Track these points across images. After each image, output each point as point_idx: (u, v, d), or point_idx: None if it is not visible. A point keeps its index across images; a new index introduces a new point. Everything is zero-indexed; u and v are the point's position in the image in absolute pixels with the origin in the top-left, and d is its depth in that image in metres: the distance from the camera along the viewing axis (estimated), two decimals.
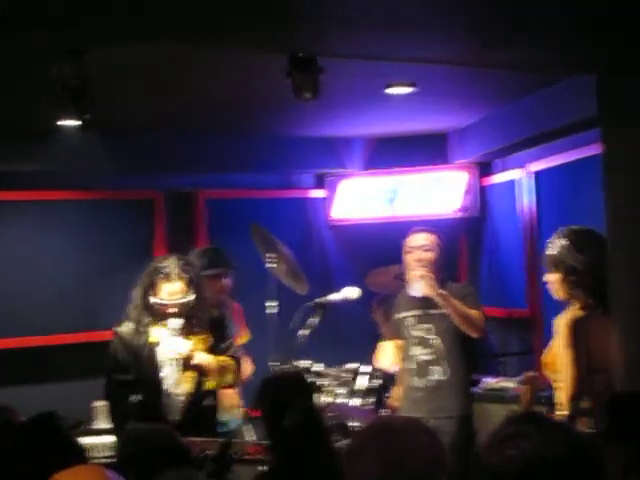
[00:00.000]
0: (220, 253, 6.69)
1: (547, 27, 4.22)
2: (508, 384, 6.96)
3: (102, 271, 7.43)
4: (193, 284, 5.27)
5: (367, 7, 3.81)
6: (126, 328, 5.37)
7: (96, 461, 5.89)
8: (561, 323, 4.74)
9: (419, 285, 5.81)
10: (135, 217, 7.67)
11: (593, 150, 5.94)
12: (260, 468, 4.47)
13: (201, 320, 5.35)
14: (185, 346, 5.20)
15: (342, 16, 3.90)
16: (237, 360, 5.50)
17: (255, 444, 4.67)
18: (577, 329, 4.68)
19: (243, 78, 5.66)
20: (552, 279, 4.92)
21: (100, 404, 6.90)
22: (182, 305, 5.22)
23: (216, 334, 5.41)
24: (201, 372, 5.29)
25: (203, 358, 5.27)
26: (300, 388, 4.12)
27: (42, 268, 7.27)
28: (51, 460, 3.24)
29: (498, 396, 6.82)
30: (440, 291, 5.77)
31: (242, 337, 6.81)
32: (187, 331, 5.28)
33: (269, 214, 7.85)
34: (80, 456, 3.60)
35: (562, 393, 4.85)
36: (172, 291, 5.22)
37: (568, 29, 4.26)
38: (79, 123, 4.86)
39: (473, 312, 5.80)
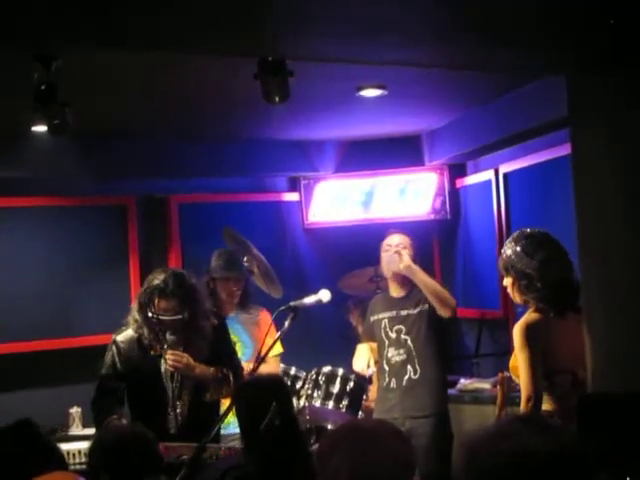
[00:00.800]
0: (235, 257, 6.64)
1: (516, 28, 4.24)
2: (482, 385, 6.98)
3: (76, 277, 7.40)
4: (189, 299, 5.25)
5: (336, 10, 3.81)
6: (127, 337, 5.34)
7: (71, 467, 5.87)
8: (514, 333, 4.77)
9: (394, 258, 5.91)
10: (108, 223, 7.63)
11: (563, 151, 5.98)
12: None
13: (201, 333, 5.33)
14: (183, 360, 5.19)
15: (311, 19, 3.91)
16: (236, 371, 5.45)
17: (229, 448, 4.65)
18: (529, 332, 4.69)
19: (214, 82, 5.67)
20: (506, 283, 4.96)
21: (75, 410, 6.90)
22: (176, 321, 5.21)
23: (214, 345, 5.39)
24: (199, 385, 5.28)
25: (201, 371, 5.27)
26: (277, 392, 4.11)
27: (15, 274, 7.23)
28: (31, 466, 3.24)
29: (472, 397, 6.85)
30: (412, 265, 5.87)
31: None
32: (185, 345, 5.27)
33: (242, 218, 7.84)
34: (60, 462, 3.60)
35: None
36: (167, 307, 5.20)
37: (537, 30, 4.27)
38: (48, 128, 4.87)
39: (445, 291, 5.93)
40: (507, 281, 4.94)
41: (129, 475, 3.54)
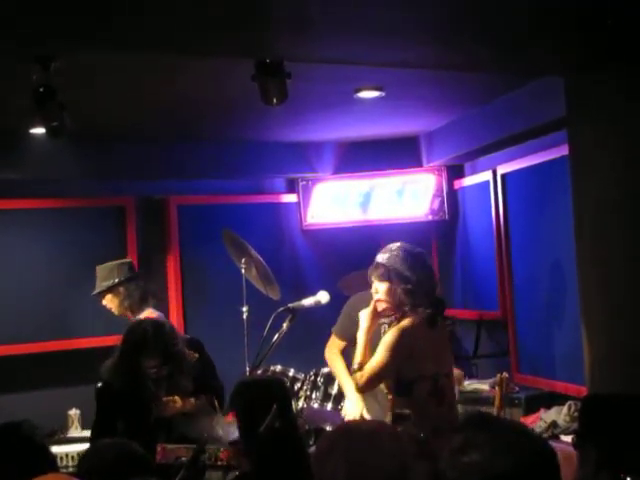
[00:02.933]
0: (101, 272, 6.57)
1: (515, 29, 4.25)
2: (481, 386, 6.99)
3: (75, 279, 7.39)
4: (169, 352, 5.21)
5: (334, 12, 3.82)
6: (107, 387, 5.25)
7: (70, 470, 5.87)
8: (388, 333, 4.88)
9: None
10: (107, 224, 7.64)
11: (561, 152, 5.98)
12: (235, 473, 4.48)
13: (185, 384, 5.30)
14: (177, 406, 5.22)
15: (309, 21, 3.91)
16: (218, 393, 5.46)
17: (228, 449, 4.65)
18: (403, 339, 4.81)
19: (212, 84, 5.67)
20: (380, 290, 5.00)
21: (74, 412, 6.90)
22: (161, 376, 5.18)
23: (198, 378, 5.33)
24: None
25: (190, 406, 5.27)
26: (278, 393, 4.10)
27: (15, 276, 7.23)
28: (22, 468, 3.22)
29: (471, 398, 6.85)
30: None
31: None
32: (170, 387, 5.25)
33: (241, 219, 7.86)
34: (51, 464, 3.58)
35: None
36: (151, 365, 5.14)
37: (535, 31, 4.28)
38: (46, 130, 4.87)
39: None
40: (382, 287, 4.97)
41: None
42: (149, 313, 6.41)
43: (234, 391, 4.27)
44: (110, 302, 6.45)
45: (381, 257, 5.06)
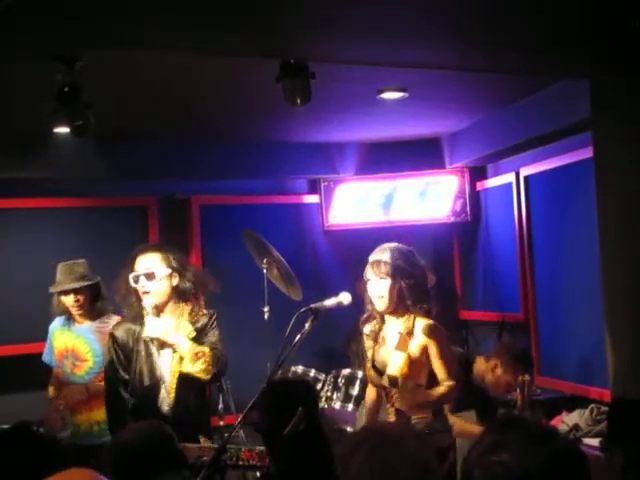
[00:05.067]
0: (71, 269, 6.44)
1: (540, 31, 4.24)
2: None
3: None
4: (171, 259, 5.34)
5: (358, 12, 3.82)
6: (123, 328, 5.38)
7: None
8: (433, 330, 4.95)
9: None
10: (129, 224, 7.66)
11: (584, 154, 5.96)
12: (256, 474, 4.48)
13: (185, 291, 5.38)
14: (160, 327, 5.23)
15: (333, 21, 3.91)
16: (216, 353, 5.35)
17: (250, 450, 4.65)
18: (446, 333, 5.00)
19: (235, 84, 5.68)
20: (383, 288, 5.11)
21: None
22: (162, 281, 5.28)
23: (201, 330, 5.40)
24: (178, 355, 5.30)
25: (179, 340, 5.26)
26: (305, 396, 4.09)
27: (36, 275, 7.24)
28: (33, 466, 3.23)
29: None
30: None
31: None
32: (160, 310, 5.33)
33: (262, 220, 7.86)
34: (62, 462, 3.57)
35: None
36: (148, 265, 5.31)
37: (561, 33, 4.27)
38: (71, 129, 4.88)
39: None
40: (384, 284, 5.07)
41: (149, 474, 3.52)
42: (115, 319, 6.22)
43: (261, 393, 4.25)
44: (75, 301, 6.32)
45: (380, 255, 5.11)
